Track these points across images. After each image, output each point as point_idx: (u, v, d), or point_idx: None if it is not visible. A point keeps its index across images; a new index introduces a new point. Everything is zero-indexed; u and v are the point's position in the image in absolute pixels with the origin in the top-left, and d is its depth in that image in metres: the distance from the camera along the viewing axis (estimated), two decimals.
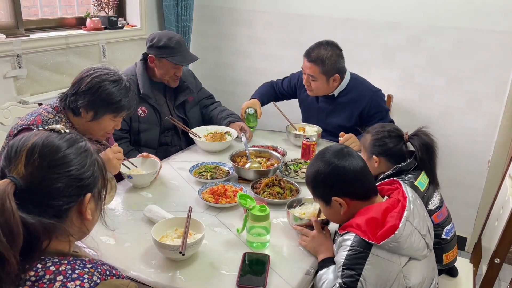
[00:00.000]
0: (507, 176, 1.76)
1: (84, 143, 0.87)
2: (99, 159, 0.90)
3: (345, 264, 1.13)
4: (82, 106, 1.48)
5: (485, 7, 2.32)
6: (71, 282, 0.73)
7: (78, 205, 0.84)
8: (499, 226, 1.60)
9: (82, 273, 0.75)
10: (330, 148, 1.29)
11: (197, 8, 3.15)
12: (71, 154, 0.82)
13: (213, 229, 1.42)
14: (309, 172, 1.29)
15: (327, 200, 1.26)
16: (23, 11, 2.28)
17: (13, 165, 0.79)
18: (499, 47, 2.35)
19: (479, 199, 2.61)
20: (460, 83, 2.50)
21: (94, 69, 1.51)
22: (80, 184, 0.83)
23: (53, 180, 0.79)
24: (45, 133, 0.84)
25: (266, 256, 1.27)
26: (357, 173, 1.22)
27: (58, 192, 0.79)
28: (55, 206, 0.79)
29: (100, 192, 0.90)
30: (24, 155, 0.79)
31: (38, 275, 0.73)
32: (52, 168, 0.79)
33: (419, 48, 2.55)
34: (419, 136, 1.53)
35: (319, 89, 2.22)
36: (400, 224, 1.11)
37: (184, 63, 2.10)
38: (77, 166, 0.82)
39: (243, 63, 3.20)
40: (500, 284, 2.43)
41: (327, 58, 2.12)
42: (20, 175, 0.77)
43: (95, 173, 0.86)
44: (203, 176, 1.74)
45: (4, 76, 2.11)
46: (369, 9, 2.63)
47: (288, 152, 2.04)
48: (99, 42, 2.58)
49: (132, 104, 1.57)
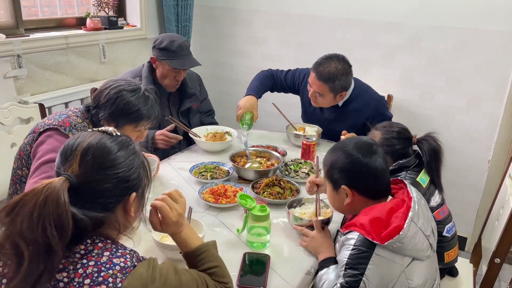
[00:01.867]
0: (507, 176, 1.76)
1: (133, 146, 0.94)
2: (146, 161, 0.97)
3: (348, 263, 1.13)
4: (103, 118, 1.49)
5: (485, 7, 2.32)
6: (116, 258, 0.82)
7: (124, 203, 0.91)
8: (499, 226, 1.60)
9: (125, 253, 0.85)
10: (361, 139, 1.29)
11: (197, 8, 3.15)
12: (121, 157, 0.89)
13: (213, 229, 1.42)
14: (332, 155, 1.28)
15: (336, 185, 1.26)
16: (23, 11, 2.28)
17: (68, 164, 0.86)
18: (499, 47, 2.35)
19: (479, 199, 2.61)
20: (460, 83, 2.50)
21: (113, 81, 1.51)
22: (127, 185, 0.90)
23: (103, 180, 0.86)
24: (99, 135, 0.91)
25: (266, 256, 1.27)
26: (376, 173, 1.22)
27: (107, 191, 0.86)
28: (103, 203, 0.86)
29: (143, 192, 0.97)
30: (79, 155, 0.86)
31: (88, 249, 0.82)
32: (102, 170, 0.86)
33: (419, 48, 2.55)
34: (428, 141, 1.52)
35: (325, 104, 2.17)
36: (405, 225, 1.11)
37: (182, 67, 2.05)
38: (125, 168, 0.89)
39: (243, 63, 3.20)
40: (500, 284, 2.43)
41: (337, 78, 2.02)
42: (74, 173, 0.84)
43: (140, 174, 0.93)
44: (203, 176, 1.75)
45: (4, 76, 2.11)
46: (369, 9, 2.63)
47: (288, 152, 2.04)
48: (99, 42, 2.58)
49: (152, 112, 1.54)
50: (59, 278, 0.78)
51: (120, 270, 0.80)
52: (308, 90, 2.19)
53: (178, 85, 2.17)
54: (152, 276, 0.85)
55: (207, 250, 1.05)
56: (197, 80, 2.36)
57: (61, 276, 0.79)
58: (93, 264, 0.80)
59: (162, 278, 0.87)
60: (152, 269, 0.86)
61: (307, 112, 2.41)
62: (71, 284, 0.78)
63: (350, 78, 2.11)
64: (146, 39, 2.94)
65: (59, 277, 0.78)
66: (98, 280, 0.78)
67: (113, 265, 0.81)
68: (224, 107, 3.13)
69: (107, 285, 0.78)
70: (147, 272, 0.84)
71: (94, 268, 0.79)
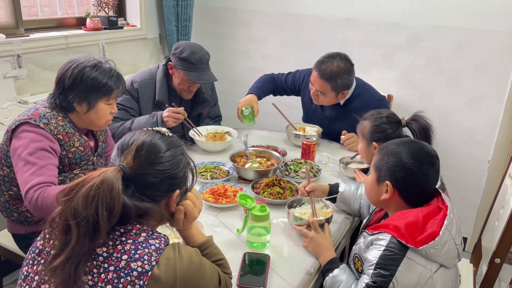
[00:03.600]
0: (507, 176, 1.76)
1: (182, 148, 1.02)
2: (192, 162, 1.05)
3: (378, 263, 1.13)
4: (74, 100, 1.47)
5: (485, 7, 2.33)
6: (152, 240, 0.89)
7: (168, 198, 0.98)
8: (499, 226, 1.60)
9: (160, 236, 0.92)
10: (428, 147, 1.25)
11: (197, 8, 3.15)
12: (170, 156, 0.96)
13: (213, 229, 1.42)
14: (397, 148, 1.23)
15: (380, 178, 1.24)
16: (23, 11, 2.28)
17: (124, 156, 0.94)
18: (499, 47, 2.35)
19: (479, 199, 2.61)
20: (460, 83, 2.50)
21: (71, 62, 1.50)
22: (173, 182, 0.97)
23: (152, 174, 0.93)
24: (152, 133, 0.99)
25: (266, 256, 1.27)
26: (427, 188, 1.22)
27: (155, 185, 0.94)
28: (150, 196, 0.93)
29: (186, 190, 1.04)
30: (134, 149, 0.93)
31: (127, 228, 0.90)
32: (152, 165, 0.93)
33: (419, 48, 2.55)
34: (417, 120, 1.54)
35: (327, 102, 2.17)
36: (441, 231, 1.12)
37: (198, 81, 2.05)
38: (172, 167, 0.96)
39: (243, 63, 3.20)
40: (500, 284, 2.43)
41: (340, 77, 2.02)
42: (129, 165, 0.92)
43: (186, 173, 1.01)
44: (203, 176, 1.74)
45: (4, 76, 2.11)
46: (369, 9, 2.63)
47: (288, 152, 2.04)
48: (99, 42, 2.58)
49: (118, 83, 1.54)
50: (99, 252, 0.85)
51: (156, 250, 0.87)
52: (309, 89, 2.19)
53: (191, 95, 2.16)
54: (180, 256, 0.92)
55: (211, 244, 1.12)
56: (210, 84, 2.35)
57: (101, 250, 0.85)
58: (131, 242, 0.87)
59: (187, 258, 0.94)
60: (178, 250, 0.93)
61: (308, 111, 2.41)
62: (110, 259, 0.85)
63: (352, 76, 2.11)
64: (146, 39, 2.94)
65: (99, 251, 0.85)
66: (135, 257, 0.85)
67: (149, 245, 0.87)
68: (224, 107, 3.10)
69: (143, 262, 0.85)
70: (174, 253, 0.91)
71: (132, 246, 0.86)
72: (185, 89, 2.12)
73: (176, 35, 3.00)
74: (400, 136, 1.57)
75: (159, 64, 2.18)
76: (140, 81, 2.11)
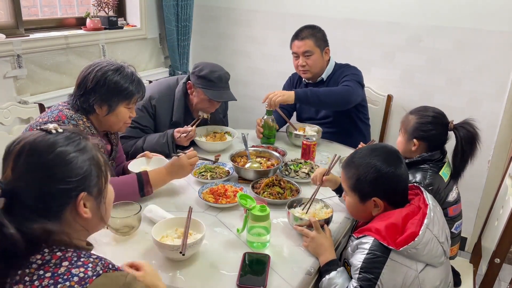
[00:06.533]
0: (507, 176, 1.76)
1: (79, 142, 0.85)
2: (99, 155, 0.88)
3: (362, 267, 1.13)
4: (95, 102, 1.49)
5: (485, 7, 2.32)
6: (76, 269, 0.75)
7: (73, 205, 0.82)
8: (499, 226, 1.60)
9: (87, 262, 0.77)
10: (384, 148, 1.26)
11: (197, 8, 3.15)
12: (58, 157, 0.80)
13: (213, 229, 1.42)
14: (357, 168, 1.24)
15: (365, 197, 1.24)
16: (23, 11, 2.27)
17: (4, 169, 0.79)
18: (499, 47, 2.35)
19: (479, 199, 2.61)
20: (460, 83, 2.50)
21: (94, 65, 1.51)
22: (70, 186, 0.81)
23: (40, 183, 0.78)
24: (36, 134, 0.82)
25: (266, 256, 1.27)
26: (406, 183, 1.23)
27: (45, 196, 0.78)
28: (44, 210, 0.78)
29: (100, 190, 0.88)
30: (12, 159, 0.79)
31: (45, 259, 0.76)
32: (35, 172, 0.78)
33: (419, 48, 2.55)
34: (465, 127, 1.50)
35: (316, 63, 2.27)
36: (420, 231, 1.12)
37: (217, 99, 2.00)
38: (63, 168, 0.80)
39: (243, 63, 3.20)
40: (500, 284, 2.43)
41: (317, 32, 2.27)
42: (8, 179, 0.77)
43: (88, 171, 0.84)
44: (203, 176, 1.74)
45: (4, 76, 2.11)
46: (369, 9, 2.63)
47: (288, 152, 2.04)
48: (99, 42, 2.57)
49: (139, 88, 1.56)
50: None
51: (79, 282, 0.74)
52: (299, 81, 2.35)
53: (208, 116, 2.11)
54: None
55: None
56: (223, 109, 2.33)
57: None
58: (50, 276, 0.74)
59: None
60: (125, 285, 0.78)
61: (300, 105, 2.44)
62: None
63: (325, 34, 2.33)
64: (146, 39, 2.94)
65: None
66: None
67: (71, 276, 0.74)
68: None
69: None
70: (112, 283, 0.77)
71: (51, 280, 0.74)
72: (204, 109, 2.07)
73: (176, 35, 3.00)
74: (444, 140, 1.53)
75: (178, 78, 2.13)
76: (158, 97, 2.04)
